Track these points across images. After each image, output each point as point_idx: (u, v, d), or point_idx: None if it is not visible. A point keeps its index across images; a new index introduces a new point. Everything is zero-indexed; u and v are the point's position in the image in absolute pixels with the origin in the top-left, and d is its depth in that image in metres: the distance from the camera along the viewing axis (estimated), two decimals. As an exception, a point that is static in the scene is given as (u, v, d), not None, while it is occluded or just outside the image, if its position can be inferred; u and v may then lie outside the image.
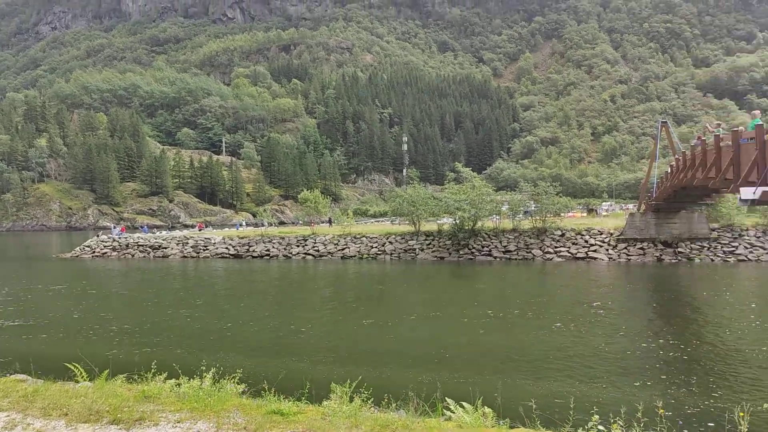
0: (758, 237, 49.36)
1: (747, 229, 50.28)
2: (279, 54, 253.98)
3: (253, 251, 60.94)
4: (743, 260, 47.60)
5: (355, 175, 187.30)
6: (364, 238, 59.73)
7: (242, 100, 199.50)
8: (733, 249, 48.80)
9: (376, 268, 50.93)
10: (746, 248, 48.55)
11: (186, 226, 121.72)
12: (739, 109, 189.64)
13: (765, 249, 48.02)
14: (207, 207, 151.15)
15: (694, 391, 14.95)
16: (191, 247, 63.53)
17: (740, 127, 19.11)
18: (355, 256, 57.35)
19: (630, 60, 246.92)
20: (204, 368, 11.07)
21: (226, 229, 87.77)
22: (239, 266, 53.43)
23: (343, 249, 58.81)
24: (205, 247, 62.95)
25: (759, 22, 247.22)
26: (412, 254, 56.34)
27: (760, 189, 13.83)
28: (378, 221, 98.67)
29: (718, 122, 28.67)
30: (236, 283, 42.99)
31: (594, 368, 17.17)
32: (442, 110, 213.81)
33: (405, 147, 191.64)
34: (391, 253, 56.95)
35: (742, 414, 7.94)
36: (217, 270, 50.77)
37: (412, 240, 57.84)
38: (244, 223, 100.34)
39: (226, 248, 62.31)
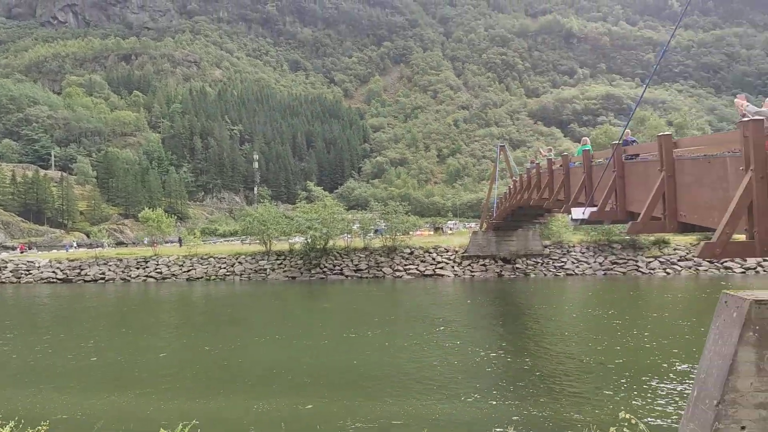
0: (583, 253, 54.21)
1: (574, 246, 55.06)
2: (118, 63, 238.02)
3: (86, 275, 55.75)
4: (571, 274, 51.96)
5: (203, 193, 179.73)
6: (211, 259, 57.08)
7: (75, 110, 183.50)
8: (563, 264, 53.14)
9: (224, 289, 48.76)
10: (573, 263, 53.09)
11: (6, 248, 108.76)
12: (564, 136, 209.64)
13: (589, 264, 52.82)
14: (32, 226, 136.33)
15: (541, 401, 15.62)
16: (10, 271, 56.73)
17: (568, 153, 20.75)
18: (201, 277, 54.58)
19: (471, 87, 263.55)
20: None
21: (54, 251, 79.55)
22: (69, 291, 48.52)
23: (188, 270, 55.72)
24: (28, 271, 56.52)
25: (578, 59, 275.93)
26: (263, 274, 54.79)
27: (588, 209, 14.83)
28: (228, 241, 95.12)
29: (549, 147, 31.12)
30: (62, 309, 38.84)
31: (431, 383, 17.39)
32: (294, 129, 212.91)
33: (256, 165, 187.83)
34: (241, 274, 54.95)
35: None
36: (39, 297, 45.63)
37: (263, 260, 56.29)
38: (75, 244, 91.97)
39: (53, 272, 56.40)
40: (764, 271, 49.48)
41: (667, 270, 51.03)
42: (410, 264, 54.75)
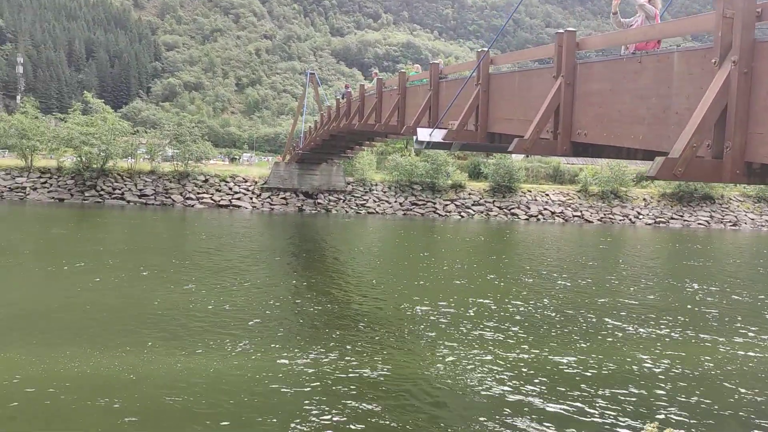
0: (384, 192, 54.02)
1: (376, 185, 54.59)
2: None
3: None
4: (372, 213, 51.51)
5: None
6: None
7: None
8: (365, 202, 52.43)
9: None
10: (375, 202, 52.68)
11: None
12: (365, 78, 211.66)
13: (390, 203, 52.81)
14: None
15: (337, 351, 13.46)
16: None
17: (406, 70, 18.55)
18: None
19: (276, 17, 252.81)
20: None
21: None
22: None
23: None
24: None
25: (384, 4, 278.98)
26: (21, 193, 45.95)
27: (438, 131, 12.68)
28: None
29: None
30: None
31: (204, 330, 14.39)
32: (71, 34, 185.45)
33: (20, 69, 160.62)
34: (-10, 193, 45.46)
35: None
36: None
37: (21, 177, 47.14)
38: None
39: None
40: (544, 218, 53.88)
41: (462, 213, 53.06)
42: (204, 192, 49.91)
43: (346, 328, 15.22)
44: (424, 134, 13.18)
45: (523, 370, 12.32)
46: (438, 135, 13.01)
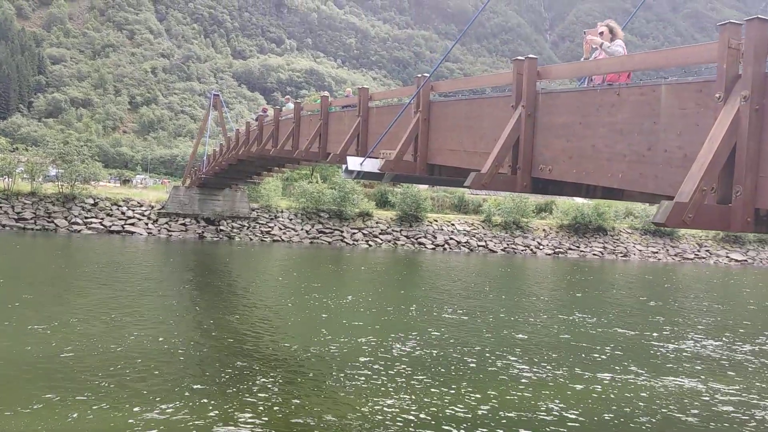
0: (291, 219, 52.39)
1: (282, 211, 52.86)
2: None
3: None
4: (278, 240, 49.68)
5: None
6: None
7: None
8: (270, 229, 50.53)
9: None
10: (281, 229, 50.91)
11: None
12: (267, 102, 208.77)
13: (296, 231, 51.20)
14: None
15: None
16: None
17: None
18: None
19: (174, 36, 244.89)
20: None
21: None
22: None
23: None
24: None
25: (287, 29, 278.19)
26: None
27: (370, 160, 11.80)
28: None
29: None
30: None
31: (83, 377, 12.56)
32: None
33: None
34: None
35: None
36: None
37: None
38: None
39: None
40: (450, 248, 54.27)
41: (370, 242, 52.35)
42: (93, 217, 46.03)
43: (248, 372, 13.73)
44: (354, 163, 12.21)
45: (405, 415, 11.41)
46: (369, 165, 12.10)
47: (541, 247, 57.68)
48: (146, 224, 47.06)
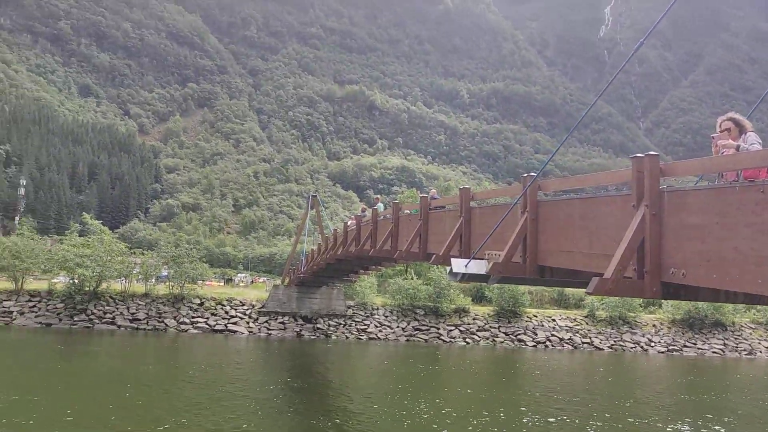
0: (386, 316, 52.05)
1: (377, 309, 52.72)
2: None
3: None
4: (374, 338, 49.24)
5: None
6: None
7: None
8: (366, 327, 50.31)
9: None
10: (376, 327, 50.56)
11: None
12: (360, 200, 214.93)
13: (392, 329, 50.66)
14: None
15: None
16: None
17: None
18: None
19: (275, 142, 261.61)
20: None
21: None
22: None
23: None
24: None
25: (379, 130, 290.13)
26: (7, 319, 43.81)
27: (474, 262, 11.45)
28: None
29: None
30: None
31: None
32: (76, 158, 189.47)
33: (22, 191, 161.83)
34: (-27, 317, 43.30)
35: None
36: None
37: (9, 300, 45.23)
38: None
39: None
40: (552, 345, 51.59)
41: (467, 339, 50.79)
42: (199, 316, 47.81)
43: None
44: (459, 265, 11.90)
45: None
46: (475, 266, 11.74)
47: (652, 344, 53.62)
48: (247, 323, 48.22)
